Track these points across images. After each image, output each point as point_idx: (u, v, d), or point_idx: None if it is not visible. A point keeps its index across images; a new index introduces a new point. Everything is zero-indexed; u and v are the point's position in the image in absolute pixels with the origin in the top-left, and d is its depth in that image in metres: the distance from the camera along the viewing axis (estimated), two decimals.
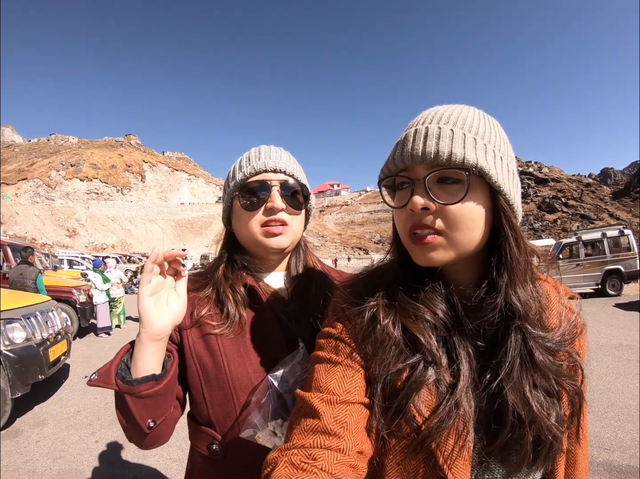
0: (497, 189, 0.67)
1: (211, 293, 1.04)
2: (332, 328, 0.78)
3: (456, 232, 0.67)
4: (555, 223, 62.23)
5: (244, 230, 1.05)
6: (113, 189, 74.00)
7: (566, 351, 0.73)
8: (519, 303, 0.69)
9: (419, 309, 0.72)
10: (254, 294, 1.04)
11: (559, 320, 0.75)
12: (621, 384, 5.32)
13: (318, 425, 0.65)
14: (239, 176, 1.04)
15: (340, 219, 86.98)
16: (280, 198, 1.02)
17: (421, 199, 0.66)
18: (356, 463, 0.63)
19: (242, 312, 1.01)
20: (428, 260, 0.70)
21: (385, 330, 0.72)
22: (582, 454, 0.82)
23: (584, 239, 14.98)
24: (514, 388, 0.67)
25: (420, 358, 0.69)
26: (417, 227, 0.69)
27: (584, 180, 75.72)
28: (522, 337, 0.68)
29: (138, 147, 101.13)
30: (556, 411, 0.68)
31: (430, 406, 0.67)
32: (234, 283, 1.05)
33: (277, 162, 1.04)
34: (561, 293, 0.80)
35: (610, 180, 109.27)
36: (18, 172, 66.08)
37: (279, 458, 0.62)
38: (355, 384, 0.70)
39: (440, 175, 0.67)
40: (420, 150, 0.66)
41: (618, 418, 4.28)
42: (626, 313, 10.79)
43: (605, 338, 7.96)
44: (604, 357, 6.61)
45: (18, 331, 4.76)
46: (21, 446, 4.05)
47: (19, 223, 44.78)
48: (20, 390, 4.56)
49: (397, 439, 0.68)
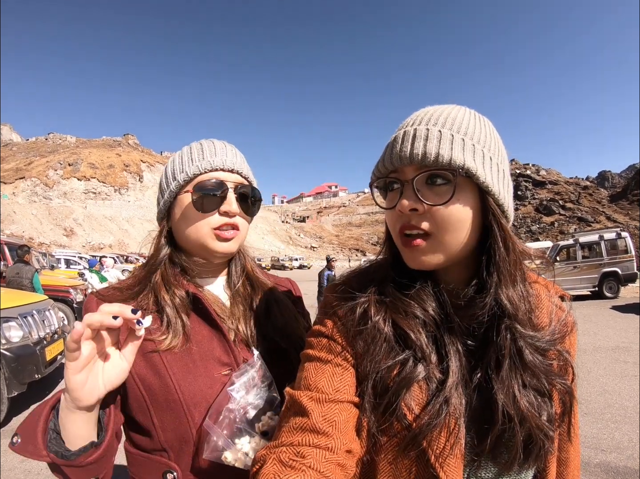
0: (485, 189, 0.68)
1: (148, 301, 0.92)
2: (322, 326, 0.78)
3: (444, 233, 0.68)
4: (553, 226, 62.46)
5: (191, 231, 0.95)
6: (111, 189, 73.84)
7: (556, 350, 0.73)
8: (508, 303, 0.69)
9: (410, 305, 0.73)
10: (197, 302, 0.94)
11: (549, 318, 0.75)
12: (618, 386, 5.34)
13: (307, 423, 0.65)
14: (191, 169, 0.95)
15: (337, 220, 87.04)
16: (236, 202, 0.96)
17: (408, 201, 0.67)
18: (345, 461, 0.64)
19: (185, 319, 0.90)
20: (419, 263, 0.71)
21: (376, 326, 0.72)
22: (573, 453, 0.82)
23: (581, 241, 15.04)
24: (503, 388, 0.67)
25: (410, 354, 0.70)
26: (406, 227, 0.70)
27: (582, 183, 76.00)
28: (512, 336, 0.69)
29: (136, 147, 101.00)
30: (547, 411, 0.69)
31: (421, 403, 0.68)
32: (175, 287, 0.94)
33: (234, 162, 0.97)
34: (551, 292, 0.81)
35: (608, 183, 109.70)
36: (16, 170, 65.91)
37: (268, 456, 0.62)
38: (344, 383, 0.70)
39: (429, 176, 0.68)
40: (408, 151, 0.67)
41: (615, 419, 4.29)
42: (623, 315, 10.84)
43: (602, 340, 7.98)
44: (601, 359, 6.63)
45: (15, 330, 4.73)
46: None
47: (16, 222, 44.66)
48: (17, 389, 4.54)
49: (388, 438, 0.68)
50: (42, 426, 0.72)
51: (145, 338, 0.79)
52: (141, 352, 0.84)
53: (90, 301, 0.91)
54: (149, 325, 0.73)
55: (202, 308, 0.94)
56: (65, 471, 0.72)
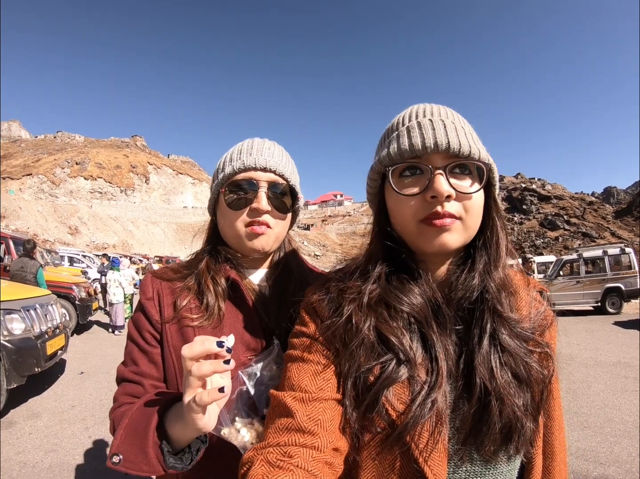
0: (493, 183, 0.76)
1: (193, 284, 1.01)
2: (303, 327, 0.79)
3: (471, 218, 0.72)
4: (557, 241, 62.18)
5: (227, 228, 1.03)
6: (117, 189, 74.17)
7: (536, 341, 0.75)
8: (492, 284, 0.74)
9: (399, 300, 0.74)
10: (236, 288, 1.02)
11: (528, 310, 0.78)
12: (618, 401, 5.30)
13: (292, 423, 0.65)
14: (228, 169, 1.01)
15: (342, 229, 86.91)
16: (267, 200, 0.99)
17: (445, 186, 0.68)
18: (332, 459, 0.64)
19: (222, 305, 0.98)
20: (442, 243, 0.71)
21: (358, 328, 0.72)
22: (559, 446, 0.83)
23: (585, 256, 14.95)
24: (483, 360, 0.70)
25: (392, 356, 0.70)
26: (436, 214, 0.69)
27: (587, 198, 75.75)
28: (494, 315, 0.73)
29: (144, 149, 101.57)
30: (523, 397, 0.70)
31: (405, 401, 0.68)
32: (216, 274, 1.02)
33: (267, 160, 1.00)
34: (530, 286, 0.84)
35: (613, 198, 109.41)
36: (23, 167, 66.33)
37: (255, 457, 0.63)
38: (327, 381, 0.71)
39: (457, 165, 0.71)
40: (443, 141, 0.69)
41: (615, 433, 4.26)
42: (625, 331, 10.74)
43: (604, 355, 7.92)
44: (602, 374, 6.58)
45: (17, 323, 4.77)
46: (14, 438, 4.04)
47: (22, 218, 44.89)
48: (16, 381, 4.57)
49: (371, 435, 0.68)
50: (153, 446, 0.74)
51: (184, 315, 0.95)
52: (179, 326, 0.96)
53: (146, 277, 1.05)
54: (233, 343, 0.71)
55: (239, 295, 1.01)
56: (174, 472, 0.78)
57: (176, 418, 0.75)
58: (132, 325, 1.01)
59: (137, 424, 0.78)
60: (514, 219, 68.31)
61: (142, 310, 1.00)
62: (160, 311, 0.98)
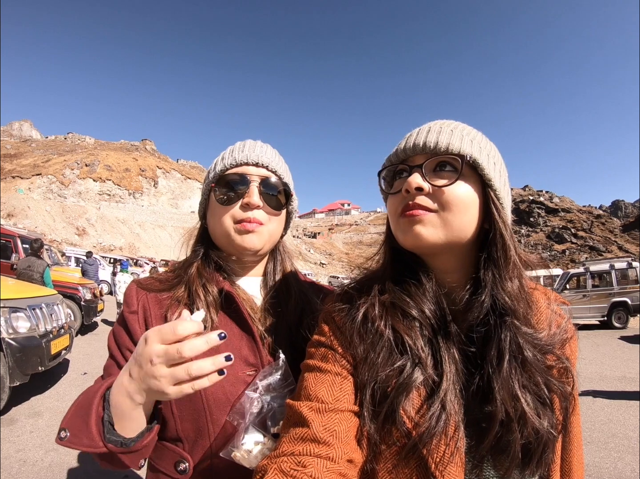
0: (487, 182, 0.73)
1: (182, 293, 0.95)
2: (321, 336, 0.79)
3: (448, 212, 0.71)
4: (564, 254, 61.76)
5: (217, 226, 0.97)
6: (125, 192, 74.56)
7: (556, 354, 0.73)
8: (507, 298, 0.71)
9: (407, 304, 0.74)
10: (230, 300, 0.95)
11: (548, 325, 0.76)
12: (623, 416, 5.24)
13: (307, 433, 0.65)
14: (219, 167, 0.98)
15: (348, 238, 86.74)
16: (259, 195, 0.95)
17: (416, 179, 0.71)
18: (346, 471, 0.63)
19: (214, 317, 0.92)
20: (415, 234, 0.72)
21: (377, 329, 0.73)
22: (577, 463, 0.81)
23: (592, 270, 14.85)
24: (504, 385, 0.68)
25: (408, 359, 0.70)
26: (409, 207, 0.72)
27: (595, 212, 75.28)
28: (512, 334, 0.70)
29: (153, 153, 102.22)
30: (548, 417, 0.69)
31: (420, 410, 0.68)
32: (207, 282, 0.96)
33: (260, 156, 0.97)
34: (551, 299, 0.81)
35: (621, 212, 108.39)
36: (33, 167, 66.97)
37: (269, 466, 0.62)
38: (344, 392, 0.71)
39: (438, 163, 0.73)
40: (421, 141, 0.73)
41: (618, 449, 4.21)
42: (631, 346, 10.62)
43: (609, 369, 7.84)
44: (606, 388, 6.50)
45: (22, 321, 4.80)
46: (14, 435, 4.05)
47: (30, 218, 45.23)
48: (19, 379, 4.58)
49: (387, 446, 0.68)
50: (95, 419, 0.72)
51: None
52: None
53: (130, 288, 0.98)
54: (203, 317, 0.71)
55: (234, 307, 0.95)
56: (122, 458, 0.73)
57: None
58: (112, 338, 0.94)
59: (86, 399, 0.76)
60: (521, 232, 67.96)
61: (124, 325, 0.93)
62: (147, 327, 0.91)
